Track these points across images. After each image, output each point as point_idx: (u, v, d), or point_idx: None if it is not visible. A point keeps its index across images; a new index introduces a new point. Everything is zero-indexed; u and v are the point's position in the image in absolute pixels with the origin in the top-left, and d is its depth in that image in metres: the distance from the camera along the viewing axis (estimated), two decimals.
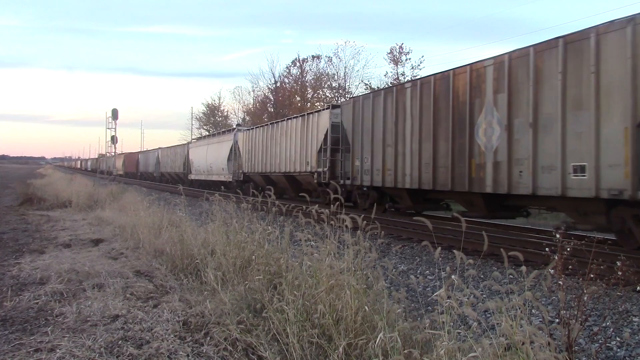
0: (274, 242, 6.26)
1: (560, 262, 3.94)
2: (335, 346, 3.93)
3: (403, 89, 14.23)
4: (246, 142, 27.39)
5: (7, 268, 8.07)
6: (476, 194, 11.34)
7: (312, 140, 19.96)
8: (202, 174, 35.77)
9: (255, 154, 25.81)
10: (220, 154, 31.69)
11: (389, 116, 14.64)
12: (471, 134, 11.32)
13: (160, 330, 4.80)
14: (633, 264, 5.23)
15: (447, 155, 12.04)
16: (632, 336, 5.15)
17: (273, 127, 24.21)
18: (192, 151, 39.24)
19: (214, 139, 34.85)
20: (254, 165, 25.85)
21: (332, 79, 46.26)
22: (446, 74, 12.31)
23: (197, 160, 37.40)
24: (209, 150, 34.39)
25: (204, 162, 35.11)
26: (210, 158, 33.73)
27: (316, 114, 20.06)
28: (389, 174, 14.52)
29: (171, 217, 10.08)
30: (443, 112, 12.34)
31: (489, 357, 3.08)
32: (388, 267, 4.63)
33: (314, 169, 19.41)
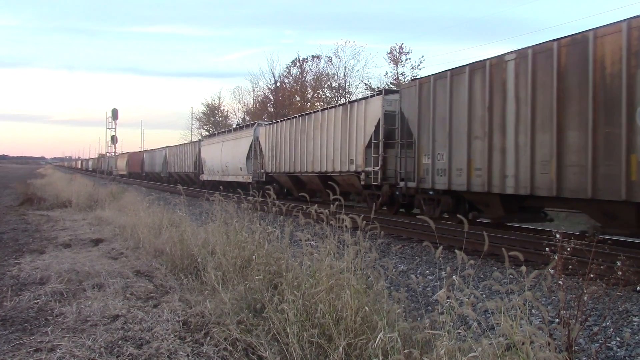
0: (274, 242, 6.26)
1: (560, 262, 3.94)
2: (335, 346, 3.93)
3: (501, 62, 10.77)
4: (269, 138, 24.11)
5: (7, 268, 8.07)
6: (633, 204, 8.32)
7: (358, 134, 16.54)
8: (216, 174, 32.37)
9: (281, 152, 22.59)
10: (237, 152, 28.31)
11: (477, 100, 11.37)
12: (630, 119, 8.13)
13: (160, 330, 4.80)
14: (633, 264, 5.23)
15: (584, 150, 8.87)
16: (632, 336, 5.15)
17: (304, 120, 20.79)
18: (205, 149, 35.50)
19: (230, 135, 30.89)
20: (279, 165, 22.76)
21: (332, 79, 46.32)
22: (580, 37, 9.03)
23: (210, 159, 33.87)
24: (224, 148, 30.79)
25: (218, 161, 31.65)
26: (226, 156, 30.24)
27: (363, 102, 16.64)
28: (478, 174, 11.27)
29: (171, 217, 10.08)
30: (574, 90, 9.13)
31: (489, 357, 3.08)
32: (388, 267, 4.63)
33: (361, 168, 16.18)
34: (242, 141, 27.93)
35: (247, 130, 28.04)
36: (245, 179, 26.89)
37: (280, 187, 23.12)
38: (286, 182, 22.78)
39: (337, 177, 17.56)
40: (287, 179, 22.40)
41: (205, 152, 35.26)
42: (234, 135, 30.02)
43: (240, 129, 29.97)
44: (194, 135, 65.16)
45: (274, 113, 45.78)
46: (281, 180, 23.28)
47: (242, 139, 28.11)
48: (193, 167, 38.56)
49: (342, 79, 45.54)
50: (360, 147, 16.37)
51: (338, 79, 45.79)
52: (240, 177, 27.73)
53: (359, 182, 16.43)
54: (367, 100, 16.61)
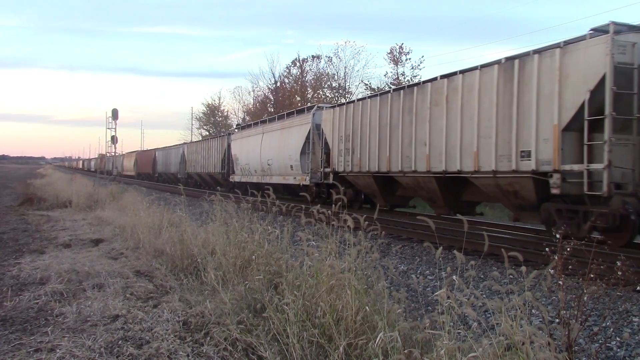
0: (275, 242, 6.26)
1: (560, 262, 3.94)
2: (335, 346, 3.93)
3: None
4: (339, 124, 17.33)
5: (7, 268, 8.07)
6: None
7: (542, 107, 9.68)
8: (253, 175, 25.63)
9: (362, 143, 15.84)
10: (286, 146, 21.72)
11: None
12: None
13: (160, 330, 4.80)
14: (633, 264, 5.24)
15: None
16: (632, 336, 5.15)
17: (409, 95, 13.63)
18: (236, 144, 28.90)
19: (274, 124, 24.13)
20: (358, 161, 15.95)
21: (332, 79, 46.31)
22: None
23: (244, 156, 27.22)
24: (266, 142, 24.29)
25: (257, 158, 25.04)
26: (269, 152, 23.65)
27: (557, 51, 9.38)
28: None
29: (171, 217, 10.08)
30: None
31: (489, 357, 3.08)
32: (388, 267, 4.64)
33: (549, 167, 9.49)
34: (294, 131, 21.18)
35: (301, 116, 21.12)
36: (298, 180, 20.44)
37: (356, 193, 17.35)
38: (367, 185, 16.21)
39: (481, 180, 11.35)
40: (371, 181, 15.71)
41: (237, 148, 28.55)
42: (280, 125, 23.09)
43: (290, 116, 22.80)
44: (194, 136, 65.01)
45: (274, 113, 45.78)
46: (359, 183, 16.62)
47: (293, 129, 21.44)
48: (220, 166, 31.98)
49: (342, 79, 45.57)
50: (547, 129, 9.52)
51: (338, 79, 45.82)
52: (291, 178, 21.16)
53: (534, 190, 9.98)
54: (564, 49, 9.38)
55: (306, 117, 20.41)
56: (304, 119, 20.51)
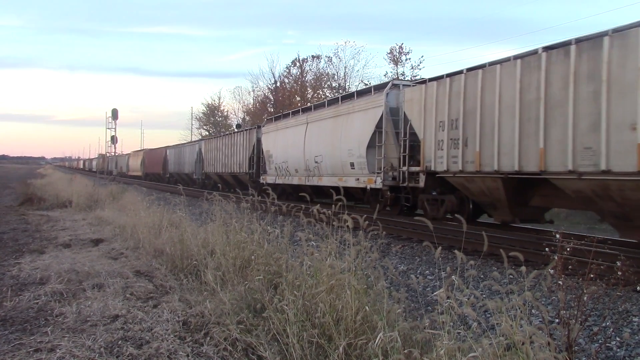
0: (274, 242, 6.26)
1: (560, 262, 3.94)
2: (335, 346, 3.93)
3: None
4: (436, 105, 12.34)
5: (7, 268, 8.07)
6: None
7: None
8: (294, 175, 20.77)
9: (484, 131, 10.86)
10: (344, 138, 16.61)
11: None
12: None
13: (160, 330, 4.81)
14: (633, 264, 5.24)
15: None
16: (632, 336, 5.15)
17: (581, 53, 8.75)
18: (269, 138, 23.88)
19: (325, 111, 18.52)
20: (478, 156, 10.95)
21: (332, 79, 46.30)
22: None
23: (280, 152, 22.30)
24: (312, 133, 19.07)
25: (298, 155, 20.02)
26: (317, 146, 18.52)
27: None
28: None
29: (171, 217, 10.08)
30: None
31: (489, 357, 3.08)
32: (388, 267, 4.64)
33: None
34: (356, 119, 16.07)
35: (366, 98, 15.81)
36: (363, 182, 15.60)
37: (460, 201, 12.42)
38: (487, 191, 11.07)
39: None
40: (496, 185, 10.67)
41: (271, 142, 23.57)
42: (334, 111, 17.69)
43: (347, 100, 17.48)
44: (194, 136, 64.92)
45: (274, 113, 45.79)
46: (472, 187, 11.45)
47: (354, 116, 16.25)
48: (246, 165, 26.99)
49: (342, 79, 45.56)
50: None
51: (338, 79, 45.81)
52: (351, 180, 16.16)
53: None
54: None
55: (376, 99, 15.18)
56: (373, 102, 15.31)
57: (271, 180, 22.91)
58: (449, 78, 12.03)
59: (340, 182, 16.14)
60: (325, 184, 17.62)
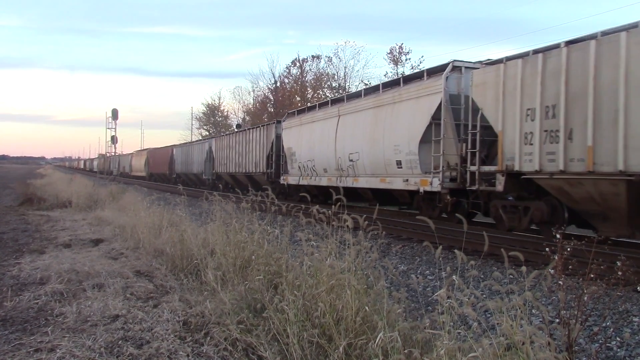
0: (274, 242, 6.26)
1: (560, 262, 3.94)
2: (335, 346, 3.93)
3: None
4: (522, 88, 9.94)
5: (7, 268, 8.07)
6: None
7: None
8: (322, 175, 18.29)
9: (599, 117, 8.37)
10: (389, 131, 14.20)
11: None
12: None
13: (160, 330, 4.81)
14: (633, 264, 5.23)
15: None
16: (632, 336, 5.15)
17: None
18: (291, 134, 21.25)
19: (362, 101, 15.85)
20: (591, 152, 8.43)
21: (332, 79, 46.34)
22: None
23: (305, 149, 19.66)
24: (345, 127, 16.56)
25: (328, 152, 17.58)
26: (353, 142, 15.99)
27: None
28: None
29: (171, 217, 10.08)
30: None
31: (489, 357, 3.08)
32: (388, 267, 4.64)
33: None
34: (405, 109, 13.58)
35: (418, 85, 13.28)
36: (414, 183, 13.14)
37: (552, 209, 9.96)
38: (597, 197, 8.61)
39: None
40: (617, 190, 8.23)
41: (293, 138, 21.01)
42: (375, 100, 15.09)
43: (390, 87, 14.93)
44: (194, 136, 64.88)
45: (273, 113, 45.81)
46: (575, 193, 9.00)
47: (402, 106, 13.73)
48: (264, 164, 24.49)
49: (342, 79, 45.63)
50: None
51: (338, 79, 45.87)
52: (398, 181, 13.79)
53: None
54: None
55: (431, 84, 12.69)
56: (427, 88, 12.79)
57: (293, 180, 20.70)
58: (541, 54, 9.55)
59: (382, 183, 14.49)
60: (362, 186, 15.59)
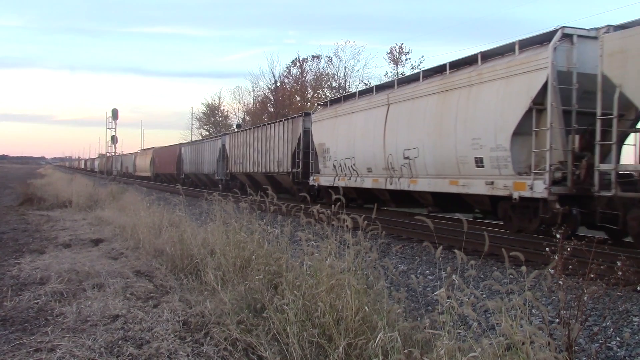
0: (274, 242, 6.26)
1: (560, 262, 3.94)
2: (335, 346, 3.93)
3: None
4: None
5: (7, 268, 8.07)
6: None
7: None
8: (365, 176, 15.43)
9: None
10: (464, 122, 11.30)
11: None
12: None
13: (160, 330, 4.81)
14: (633, 264, 5.23)
15: None
16: (632, 336, 5.15)
17: None
18: (323, 127, 18.26)
19: (420, 86, 13.12)
20: None
21: (332, 79, 46.34)
22: None
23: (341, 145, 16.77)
24: (398, 117, 13.74)
25: (373, 148, 14.78)
26: (409, 135, 13.15)
27: None
28: None
29: (171, 217, 10.08)
30: None
31: (489, 357, 3.08)
32: (388, 267, 4.64)
33: None
34: (489, 91, 10.72)
35: (511, 59, 10.42)
36: (505, 187, 10.25)
37: None
38: None
39: None
40: None
41: (327, 132, 17.96)
42: (441, 83, 12.17)
43: (468, 65, 11.88)
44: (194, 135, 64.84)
45: (274, 113, 45.82)
46: None
47: (485, 87, 10.85)
48: (289, 163, 21.34)
49: (342, 79, 45.62)
50: None
51: (338, 79, 45.86)
52: (479, 185, 10.88)
53: None
54: None
55: (530, 59, 9.83)
56: (525, 64, 9.89)
57: (327, 181, 17.54)
58: None
59: (453, 186, 11.49)
60: (423, 189, 12.62)
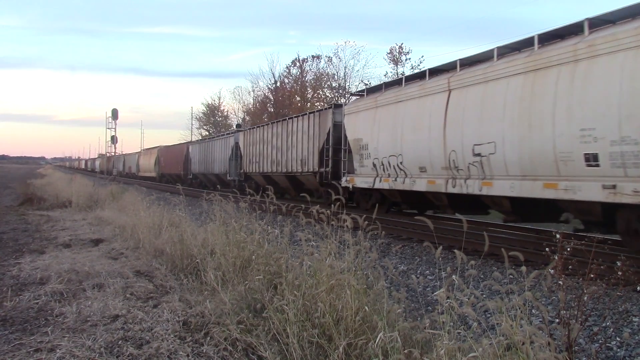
0: (274, 242, 6.26)
1: (560, 262, 3.94)
2: (335, 346, 3.93)
3: None
4: None
5: (7, 268, 8.07)
6: None
7: None
8: (417, 176, 12.60)
9: None
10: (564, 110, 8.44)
11: None
12: None
13: (160, 330, 4.81)
14: (633, 264, 5.23)
15: None
16: (632, 336, 5.15)
17: None
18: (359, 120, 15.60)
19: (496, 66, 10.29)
20: None
21: (332, 79, 46.30)
22: None
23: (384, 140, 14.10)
24: (465, 105, 10.88)
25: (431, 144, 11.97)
26: (478, 127, 10.43)
27: None
28: None
29: (171, 217, 10.08)
30: None
31: (489, 357, 3.08)
32: (388, 267, 4.64)
33: None
34: (612, 66, 7.68)
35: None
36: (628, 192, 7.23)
37: None
38: None
39: None
40: None
41: (363, 126, 15.26)
42: (527, 61, 9.36)
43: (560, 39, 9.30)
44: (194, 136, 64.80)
45: (273, 113, 45.81)
46: None
47: (601, 62, 7.95)
48: (315, 161, 18.84)
49: (342, 79, 45.56)
50: None
51: (338, 79, 45.81)
52: (591, 188, 7.98)
53: None
54: None
55: None
56: None
57: (364, 183, 15.10)
58: None
59: (549, 190, 8.82)
60: (502, 193, 9.91)
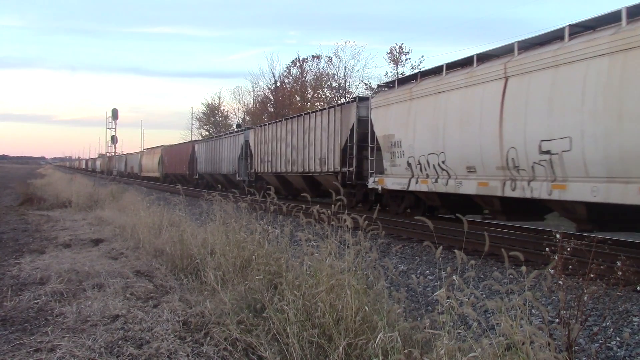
0: (274, 242, 6.26)
1: (560, 262, 3.94)
2: (335, 346, 3.93)
3: None
4: None
5: (7, 268, 8.07)
6: None
7: None
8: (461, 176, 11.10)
9: None
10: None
11: None
12: None
13: (160, 330, 4.80)
14: (633, 264, 5.23)
15: None
16: (632, 336, 5.15)
17: None
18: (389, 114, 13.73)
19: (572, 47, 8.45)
20: None
21: (332, 79, 46.27)
22: None
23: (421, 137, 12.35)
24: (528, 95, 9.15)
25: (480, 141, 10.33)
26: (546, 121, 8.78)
27: None
28: None
29: (171, 217, 10.08)
30: None
31: (489, 357, 3.08)
32: (388, 267, 4.64)
33: None
34: None
35: None
36: None
37: None
38: None
39: None
40: None
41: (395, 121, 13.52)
42: (618, 38, 7.62)
43: None
44: (194, 135, 64.77)
45: (273, 113, 45.80)
46: None
47: None
48: (337, 160, 17.15)
49: (342, 79, 45.53)
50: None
51: (338, 79, 45.78)
52: None
53: None
54: None
55: None
56: None
57: (397, 184, 13.53)
58: None
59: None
60: (580, 198, 8.41)
